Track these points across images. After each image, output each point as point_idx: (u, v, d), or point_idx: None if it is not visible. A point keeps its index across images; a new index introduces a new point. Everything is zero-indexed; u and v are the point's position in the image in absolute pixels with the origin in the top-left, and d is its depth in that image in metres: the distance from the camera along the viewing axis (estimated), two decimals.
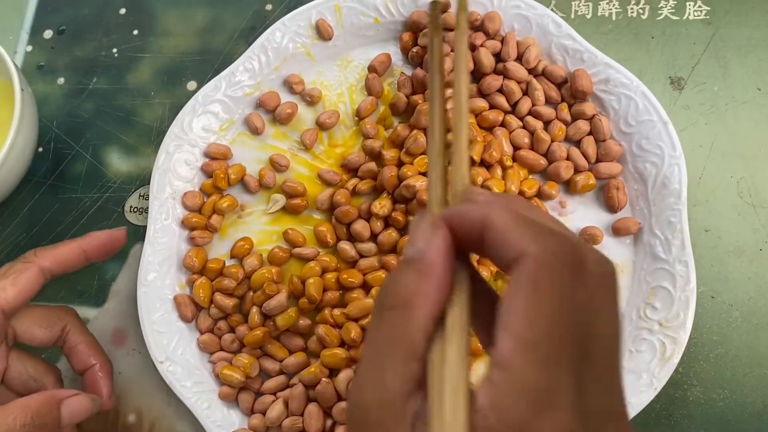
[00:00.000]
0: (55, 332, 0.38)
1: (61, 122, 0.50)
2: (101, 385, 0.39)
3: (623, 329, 0.23)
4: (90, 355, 0.39)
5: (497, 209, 0.22)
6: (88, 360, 0.39)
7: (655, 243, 0.40)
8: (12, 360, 0.37)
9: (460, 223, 0.23)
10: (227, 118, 0.46)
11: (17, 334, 0.37)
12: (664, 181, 0.41)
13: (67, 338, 0.39)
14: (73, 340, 0.39)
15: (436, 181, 0.26)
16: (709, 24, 0.46)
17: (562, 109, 0.44)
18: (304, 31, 0.46)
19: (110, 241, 0.40)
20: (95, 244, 0.39)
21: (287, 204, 0.45)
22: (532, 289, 0.20)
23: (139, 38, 0.52)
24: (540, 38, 0.44)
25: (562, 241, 0.21)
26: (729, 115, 0.44)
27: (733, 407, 0.39)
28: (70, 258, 0.38)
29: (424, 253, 0.22)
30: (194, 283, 0.43)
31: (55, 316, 0.39)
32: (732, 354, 0.40)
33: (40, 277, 0.37)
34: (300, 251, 0.43)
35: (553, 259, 0.21)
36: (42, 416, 0.34)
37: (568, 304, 0.20)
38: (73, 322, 0.39)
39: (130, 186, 0.48)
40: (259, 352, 0.42)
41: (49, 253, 0.38)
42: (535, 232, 0.21)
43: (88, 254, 0.39)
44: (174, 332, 0.42)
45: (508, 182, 0.41)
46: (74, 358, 0.39)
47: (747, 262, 0.42)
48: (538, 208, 0.25)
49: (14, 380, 0.37)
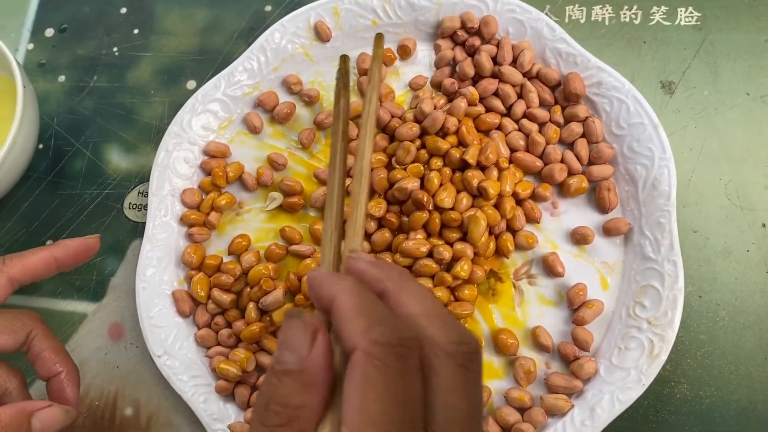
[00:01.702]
0: (20, 338, 0.37)
1: (62, 119, 0.51)
2: (68, 393, 0.38)
3: (482, 402, 0.24)
4: (56, 362, 0.38)
5: (345, 294, 0.23)
6: (54, 367, 0.38)
7: (644, 243, 0.41)
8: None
9: (315, 298, 0.24)
10: (226, 117, 0.47)
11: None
12: (654, 183, 0.41)
13: (33, 344, 0.37)
14: (39, 347, 0.37)
15: (329, 249, 0.27)
16: (700, 30, 0.47)
17: (555, 112, 0.45)
18: (303, 33, 0.47)
19: (83, 249, 0.39)
20: (67, 253, 0.38)
21: (284, 202, 0.45)
22: (361, 383, 0.21)
23: (139, 37, 0.52)
24: (534, 42, 0.45)
25: (391, 331, 0.22)
26: (718, 119, 0.45)
27: (719, 404, 0.40)
28: (40, 267, 0.37)
29: (305, 364, 0.22)
30: (192, 278, 0.43)
31: (20, 322, 0.37)
32: (718, 352, 0.41)
33: (7, 287, 0.36)
34: (296, 248, 0.44)
35: (380, 351, 0.21)
36: (12, 430, 0.32)
37: (396, 393, 0.21)
38: (39, 328, 0.38)
39: (130, 183, 0.49)
40: (256, 347, 0.43)
41: (18, 262, 0.37)
42: (369, 323, 0.22)
43: (59, 262, 0.38)
44: (172, 327, 0.43)
45: (504, 184, 0.42)
46: (40, 364, 0.38)
47: (734, 262, 0.42)
48: (409, 281, 0.25)
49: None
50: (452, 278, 0.41)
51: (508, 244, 0.42)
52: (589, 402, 0.39)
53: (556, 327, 0.42)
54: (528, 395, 0.40)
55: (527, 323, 0.42)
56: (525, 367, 0.40)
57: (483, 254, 0.42)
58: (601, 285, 0.42)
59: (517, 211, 0.42)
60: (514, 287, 0.43)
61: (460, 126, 0.43)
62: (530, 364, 0.40)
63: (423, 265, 0.41)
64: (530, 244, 0.42)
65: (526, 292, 0.42)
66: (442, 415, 0.22)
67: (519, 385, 0.40)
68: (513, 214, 0.42)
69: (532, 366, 0.40)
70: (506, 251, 0.42)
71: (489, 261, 0.43)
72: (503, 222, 0.42)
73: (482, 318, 0.42)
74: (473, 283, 0.42)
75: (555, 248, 0.43)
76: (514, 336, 0.41)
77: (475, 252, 0.42)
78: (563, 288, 0.42)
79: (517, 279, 0.43)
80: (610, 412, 0.38)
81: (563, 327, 0.42)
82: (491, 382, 0.41)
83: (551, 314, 0.42)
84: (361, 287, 0.24)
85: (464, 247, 0.41)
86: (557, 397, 0.39)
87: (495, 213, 0.41)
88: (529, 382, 0.40)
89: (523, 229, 0.43)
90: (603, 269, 0.42)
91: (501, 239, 0.42)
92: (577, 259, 0.43)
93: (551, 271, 0.42)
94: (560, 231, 0.43)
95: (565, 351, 0.40)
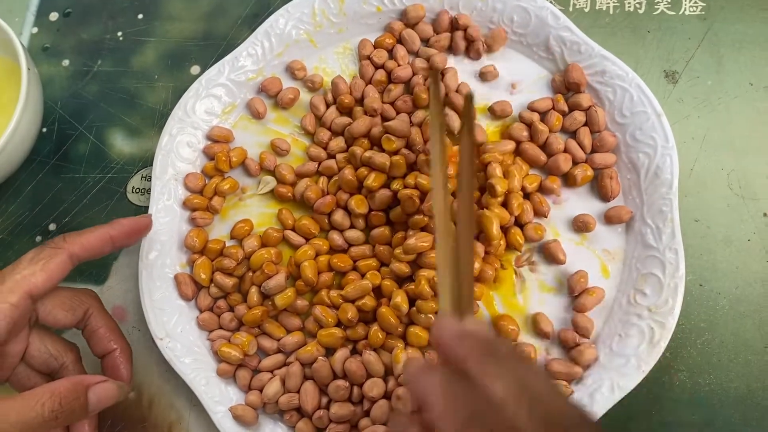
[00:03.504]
0: (78, 315, 0.39)
1: (66, 103, 0.51)
2: (121, 370, 0.39)
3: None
4: (111, 340, 0.39)
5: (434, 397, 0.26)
6: (109, 344, 0.39)
7: (646, 231, 0.41)
8: (32, 339, 0.38)
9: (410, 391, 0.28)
10: (230, 102, 0.47)
11: (40, 316, 0.38)
12: (657, 172, 0.41)
13: (89, 322, 0.39)
14: (95, 324, 0.39)
15: (446, 293, 0.30)
16: (704, 20, 0.47)
17: (558, 100, 0.45)
18: (307, 18, 0.47)
19: (136, 228, 0.41)
20: (122, 231, 0.39)
21: (275, 189, 0.45)
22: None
23: (144, 22, 0.52)
24: (538, 30, 0.45)
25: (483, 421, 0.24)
26: (721, 108, 0.45)
27: (718, 392, 0.40)
28: (98, 244, 0.38)
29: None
30: (195, 262, 0.44)
31: (78, 300, 0.39)
32: (718, 341, 0.41)
33: (68, 263, 0.37)
34: (289, 235, 0.44)
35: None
36: (70, 402, 0.34)
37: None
38: (95, 306, 0.40)
39: (133, 167, 0.49)
40: (257, 331, 0.43)
41: (77, 240, 0.38)
42: (458, 419, 0.24)
43: (114, 240, 0.39)
44: (174, 310, 0.43)
45: (512, 180, 0.42)
46: (95, 341, 0.39)
47: (735, 252, 0.43)
48: (493, 352, 0.26)
49: (35, 358, 0.38)
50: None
51: (518, 238, 0.42)
52: (589, 388, 0.39)
53: (557, 314, 0.42)
54: None
55: (528, 310, 0.42)
56: (525, 354, 0.40)
57: (495, 252, 0.41)
58: (602, 272, 0.42)
59: (525, 205, 0.42)
60: (516, 274, 0.43)
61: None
62: (531, 350, 0.40)
63: (430, 257, 0.41)
64: (539, 235, 0.42)
65: (527, 279, 0.43)
66: None
67: None
68: (522, 209, 0.42)
69: (533, 352, 0.40)
70: (517, 245, 0.42)
71: (500, 256, 0.43)
72: (512, 217, 0.42)
73: (483, 304, 0.42)
74: (483, 282, 0.42)
75: (556, 236, 0.43)
76: (514, 322, 0.41)
77: (486, 250, 0.41)
78: (564, 275, 0.42)
79: (518, 266, 0.43)
80: (609, 398, 0.38)
81: (564, 314, 0.42)
82: None
83: (552, 301, 0.42)
84: (449, 384, 0.26)
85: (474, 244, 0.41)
86: (557, 384, 0.39)
87: (503, 211, 0.41)
88: None
89: (531, 222, 0.43)
90: (604, 257, 0.42)
91: (510, 234, 0.42)
92: (578, 247, 0.43)
93: (553, 259, 0.42)
94: (562, 218, 0.43)
95: (566, 337, 0.41)
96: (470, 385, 0.25)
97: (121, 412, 0.44)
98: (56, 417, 0.33)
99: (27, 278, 0.36)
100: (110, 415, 0.43)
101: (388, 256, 0.42)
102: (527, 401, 0.24)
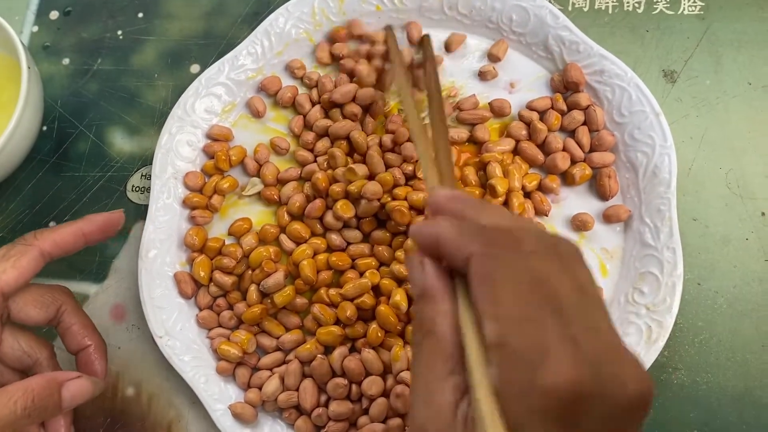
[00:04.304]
0: (51, 312, 0.38)
1: (66, 102, 0.51)
2: (96, 366, 0.39)
3: (596, 286, 0.26)
4: (85, 336, 0.39)
5: (444, 229, 0.27)
6: (83, 341, 0.39)
7: (644, 230, 0.41)
8: (5, 335, 0.37)
9: (421, 243, 0.28)
10: (229, 101, 0.47)
11: (12, 313, 0.37)
12: (655, 171, 0.42)
13: (62, 318, 0.39)
14: (68, 321, 0.39)
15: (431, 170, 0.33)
16: (703, 19, 0.47)
17: (557, 100, 0.45)
18: (307, 17, 0.47)
19: (108, 224, 0.40)
20: (94, 227, 0.39)
21: (262, 192, 0.45)
22: (484, 278, 0.24)
23: (144, 21, 0.52)
24: (537, 29, 0.45)
25: (495, 233, 0.26)
26: (720, 108, 0.45)
27: (716, 390, 0.41)
28: (70, 240, 0.38)
29: (425, 285, 0.27)
30: (194, 261, 0.44)
31: (51, 296, 0.38)
32: (716, 339, 0.41)
33: (40, 260, 0.37)
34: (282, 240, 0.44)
35: (491, 250, 0.25)
36: (43, 399, 0.33)
37: (517, 276, 0.24)
38: (68, 302, 0.39)
39: (133, 166, 0.49)
40: (257, 329, 0.43)
41: (48, 236, 0.37)
42: (473, 234, 0.26)
43: (87, 237, 0.39)
44: (173, 308, 0.43)
45: (512, 179, 0.42)
46: (69, 338, 0.39)
47: (733, 251, 0.43)
48: (484, 204, 0.29)
49: (8, 355, 0.37)
50: None
51: None
52: None
53: None
54: None
55: None
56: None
57: None
58: (601, 271, 0.42)
59: (526, 204, 0.42)
60: None
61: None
62: None
63: None
64: None
65: None
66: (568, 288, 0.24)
67: None
68: (523, 209, 0.42)
69: None
70: None
71: None
72: None
73: None
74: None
75: None
76: None
77: None
78: None
79: None
80: None
81: None
82: None
83: None
84: (452, 220, 0.27)
85: None
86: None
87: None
88: None
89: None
90: (602, 255, 0.43)
91: None
92: None
93: None
94: (560, 217, 0.44)
95: None
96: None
97: (120, 410, 0.44)
98: (29, 414, 0.33)
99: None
100: (109, 413, 0.44)
101: (389, 256, 0.42)
102: (531, 228, 0.26)
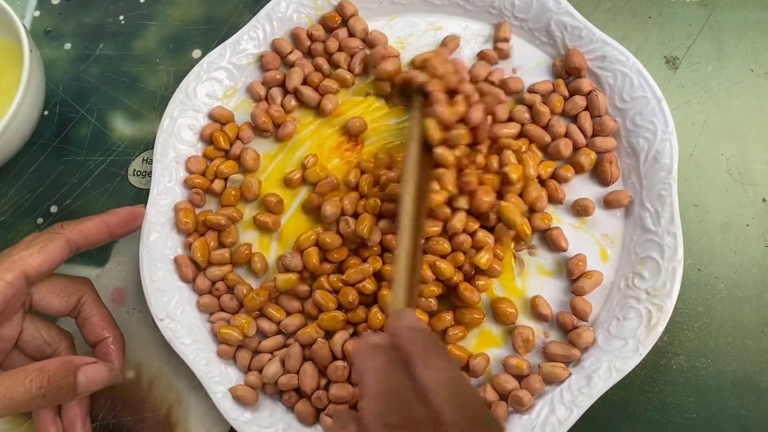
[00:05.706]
0: (72, 302, 0.39)
1: (67, 86, 0.51)
2: (113, 358, 0.39)
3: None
4: (104, 328, 0.39)
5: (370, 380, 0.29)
6: (102, 332, 0.39)
7: (645, 215, 0.41)
8: (26, 324, 0.38)
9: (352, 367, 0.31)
10: (231, 86, 0.47)
11: (34, 301, 0.38)
12: (656, 156, 0.42)
13: (82, 309, 0.39)
14: (88, 312, 0.39)
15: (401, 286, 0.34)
16: (705, 6, 0.47)
17: (559, 85, 0.45)
18: (309, 2, 0.47)
19: (131, 217, 0.41)
20: (118, 219, 0.40)
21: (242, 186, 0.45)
22: None
23: (145, 6, 0.52)
24: (540, 15, 0.45)
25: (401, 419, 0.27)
26: (722, 95, 0.45)
27: (715, 375, 0.41)
28: (95, 232, 0.39)
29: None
30: (192, 244, 0.44)
31: (73, 287, 0.39)
32: (715, 325, 0.41)
33: (66, 248, 0.37)
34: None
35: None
36: (58, 380, 0.34)
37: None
38: (89, 294, 0.40)
39: (134, 150, 0.49)
40: (257, 313, 0.43)
41: (75, 227, 0.38)
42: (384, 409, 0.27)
43: (111, 229, 0.39)
44: (174, 291, 0.43)
45: (527, 167, 0.41)
46: (88, 329, 0.39)
47: (734, 237, 0.43)
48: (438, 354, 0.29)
49: (28, 344, 0.38)
50: (469, 264, 0.41)
51: (525, 228, 0.41)
52: (587, 370, 0.39)
53: (555, 297, 0.42)
54: (526, 363, 0.40)
55: (527, 293, 0.42)
56: (524, 336, 0.41)
57: (523, 236, 0.41)
58: (601, 256, 0.42)
59: (542, 192, 0.42)
60: (515, 257, 0.43)
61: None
62: (529, 332, 0.41)
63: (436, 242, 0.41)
64: (547, 224, 0.42)
65: (526, 262, 0.43)
66: None
67: (517, 353, 0.41)
68: (539, 198, 0.42)
69: (531, 335, 0.41)
70: (524, 236, 0.41)
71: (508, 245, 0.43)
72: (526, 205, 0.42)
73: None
74: (490, 276, 0.41)
75: (557, 221, 0.43)
76: (513, 305, 0.41)
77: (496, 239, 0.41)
78: (563, 259, 0.42)
79: (517, 249, 0.43)
80: (606, 381, 0.38)
81: (562, 297, 0.42)
82: (490, 350, 0.41)
83: (550, 284, 0.42)
84: (386, 371, 0.29)
85: (485, 235, 0.41)
86: (555, 365, 0.40)
87: (519, 201, 0.41)
88: (527, 351, 0.41)
89: (545, 209, 0.43)
90: (603, 241, 0.43)
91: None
92: (577, 231, 0.43)
93: (555, 246, 0.42)
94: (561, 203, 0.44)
95: (564, 320, 0.41)
96: (407, 374, 0.28)
97: (120, 393, 0.44)
98: (44, 395, 0.33)
99: (24, 259, 0.36)
100: (109, 396, 0.44)
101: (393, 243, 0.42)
102: (450, 392, 0.27)
